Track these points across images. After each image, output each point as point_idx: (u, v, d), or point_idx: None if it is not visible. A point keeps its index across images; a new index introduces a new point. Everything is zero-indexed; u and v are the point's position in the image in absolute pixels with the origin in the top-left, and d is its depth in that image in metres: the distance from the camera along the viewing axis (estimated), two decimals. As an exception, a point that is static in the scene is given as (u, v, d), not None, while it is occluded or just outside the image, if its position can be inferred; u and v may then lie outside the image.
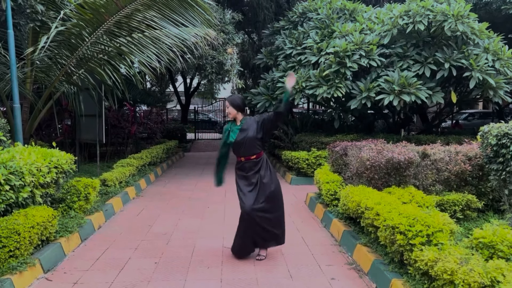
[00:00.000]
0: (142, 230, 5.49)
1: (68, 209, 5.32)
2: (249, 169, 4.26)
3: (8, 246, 3.65)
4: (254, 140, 4.24)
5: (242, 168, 4.30)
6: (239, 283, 3.82)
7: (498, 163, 4.61)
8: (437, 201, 4.85)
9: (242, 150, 4.26)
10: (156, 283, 3.82)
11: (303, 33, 10.50)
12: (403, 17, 8.58)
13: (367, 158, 5.17)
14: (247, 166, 4.27)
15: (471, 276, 2.78)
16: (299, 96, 9.55)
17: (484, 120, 17.22)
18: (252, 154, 4.25)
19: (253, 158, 4.26)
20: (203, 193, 7.93)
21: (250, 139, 4.22)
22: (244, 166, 4.29)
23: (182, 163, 12.91)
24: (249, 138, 4.22)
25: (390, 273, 3.63)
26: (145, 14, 5.92)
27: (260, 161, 4.29)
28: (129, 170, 8.09)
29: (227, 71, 10.40)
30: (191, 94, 19.55)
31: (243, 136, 4.24)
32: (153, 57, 6.06)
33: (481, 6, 11.57)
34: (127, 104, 11.71)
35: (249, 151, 4.25)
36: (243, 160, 4.28)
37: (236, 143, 4.26)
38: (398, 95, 8.35)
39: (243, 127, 4.29)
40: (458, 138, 9.46)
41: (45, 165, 4.46)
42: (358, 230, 4.81)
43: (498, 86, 8.48)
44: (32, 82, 6.67)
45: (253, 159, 4.26)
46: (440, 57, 8.49)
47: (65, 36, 5.95)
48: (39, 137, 9.31)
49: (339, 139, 9.32)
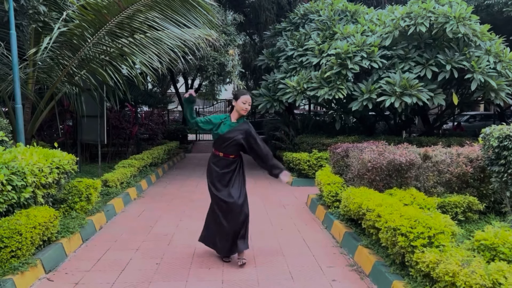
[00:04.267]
0: (143, 231, 5.49)
1: (69, 209, 5.33)
2: (224, 166, 4.20)
3: (10, 246, 3.65)
4: (239, 145, 4.20)
5: (217, 164, 4.22)
6: (240, 284, 3.82)
7: (499, 165, 4.60)
8: (439, 203, 4.85)
9: (224, 146, 4.19)
10: (157, 284, 3.82)
11: (305, 34, 10.51)
12: (404, 19, 8.58)
13: (369, 159, 5.17)
14: (223, 164, 4.20)
15: (472, 278, 2.77)
16: (300, 97, 9.55)
17: (485, 122, 17.20)
18: (231, 154, 4.23)
19: (231, 157, 4.23)
20: (204, 194, 7.90)
21: (236, 141, 4.17)
22: (220, 162, 4.21)
23: (183, 164, 12.92)
24: (236, 140, 4.17)
25: (392, 275, 3.62)
26: (147, 15, 5.93)
27: (236, 162, 4.25)
28: (130, 171, 8.10)
29: (228, 72, 10.41)
30: (192, 95, 19.52)
31: (233, 135, 4.17)
32: (154, 58, 6.08)
33: (482, 8, 11.58)
34: (129, 105, 11.73)
35: (230, 150, 4.20)
36: (221, 155, 4.22)
37: (222, 137, 4.17)
38: (400, 97, 8.35)
39: (237, 127, 4.22)
40: (460, 140, 9.47)
41: (47, 166, 4.47)
42: (359, 232, 4.80)
43: (499, 88, 8.48)
44: (34, 83, 6.68)
45: (231, 158, 4.23)
46: (442, 59, 8.49)
47: (67, 37, 5.96)
48: (40, 137, 9.33)
49: (341, 140, 9.33)
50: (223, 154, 4.22)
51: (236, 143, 4.18)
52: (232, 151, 4.22)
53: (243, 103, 4.17)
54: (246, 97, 4.20)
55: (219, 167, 4.21)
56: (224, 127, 4.21)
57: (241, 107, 4.18)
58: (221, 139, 4.19)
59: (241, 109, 4.19)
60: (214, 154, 4.28)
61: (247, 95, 4.22)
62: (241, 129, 4.21)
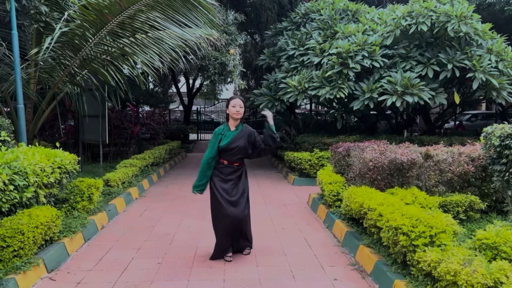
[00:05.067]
0: (145, 231, 5.50)
1: (71, 209, 5.34)
2: (228, 173, 4.27)
3: (12, 246, 3.66)
4: (244, 151, 4.25)
5: (221, 171, 4.27)
6: (242, 283, 3.83)
7: (501, 164, 4.60)
8: (440, 202, 4.84)
9: (229, 155, 4.25)
10: (159, 283, 3.82)
11: (306, 34, 10.51)
12: (406, 18, 8.57)
13: (370, 159, 5.17)
14: (228, 171, 4.27)
15: (474, 277, 2.77)
16: (302, 97, 9.55)
17: (487, 121, 17.17)
18: (236, 161, 4.28)
19: (236, 165, 4.29)
20: (206, 194, 7.93)
21: (241, 148, 4.23)
22: (225, 170, 4.27)
23: (184, 163, 12.93)
24: (241, 148, 4.23)
25: (393, 274, 3.62)
26: (148, 14, 5.94)
27: (241, 169, 4.34)
28: (132, 170, 8.11)
29: (229, 72, 10.41)
30: (193, 95, 19.57)
31: (237, 144, 4.21)
32: (156, 58, 6.08)
33: (484, 7, 11.55)
34: (130, 105, 11.74)
35: (235, 158, 4.26)
36: (226, 163, 4.27)
37: (226, 148, 4.21)
38: (401, 96, 8.34)
39: (238, 135, 4.25)
40: (461, 139, 9.45)
41: (49, 166, 4.48)
42: (360, 231, 4.80)
43: (501, 87, 8.46)
44: (36, 83, 6.70)
45: (236, 165, 4.29)
46: (443, 58, 8.48)
47: (69, 37, 5.97)
48: (42, 137, 9.35)
49: (342, 140, 9.33)
50: (228, 162, 4.27)
51: (240, 151, 4.24)
52: (236, 159, 4.28)
53: (233, 107, 4.22)
54: (234, 101, 4.24)
55: (224, 174, 4.27)
56: (225, 139, 4.24)
57: (233, 112, 4.23)
58: (225, 150, 4.24)
59: (233, 114, 4.24)
60: (218, 161, 4.31)
61: (235, 99, 4.28)
62: (242, 135, 4.26)
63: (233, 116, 4.25)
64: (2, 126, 5.44)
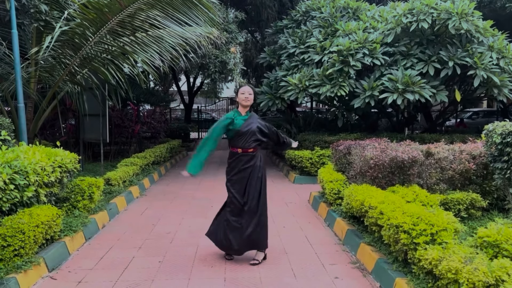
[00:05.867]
0: (146, 229, 5.50)
1: (72, 208, 5.34)
2: (244, 162, 4.22)
3: (13, 245, 3.67)
4: (255, 134, 4.24)
5: (237, 161, 4.24)
6: (243, 281, 3.82)
7: (502, 161, 4.59)
8: (441, 200, 4.83)
9: (243, 141, 4.22)
10: (160, 282, 3.83)
11: (306, 32, 10.48)
12: (406, 16, 8.55)
13: (371, 157, 5.16)
14: (243, 159, 4.23)
15: (475, 275, 2.76)
16: (302, 95, 9.54)
17: (488, 119, 17.14)
18: (250, 147, 4.24)
19: (250, 151, 4.25)
20: (207, 193, 7.95)
21: (253, 131, 4.23)
22: (240, 159, 4.23)
23: (185, 162, 12.86)
24: (252, 130, 4.23)
25: (394, 272, 3.62)
26: (148, 13, 5.93)
27: (255, 158, 4.26)
28: (132, 169, 8.11)
29: (230, 70, 10.41)
30: (194, 93, 19.58)
31: (250, 126, 4.23)
32: (156, 56, 6.07)
33: (485, 4, 11.51)
34: (131, 104, 11.75)
35: (249, 144, 4.23)
36: (240, 151, 4.23)
37: (240, 132, 4.22)
38: (402, 94, 8.32)
39: (250, 119, 4.30)
40: (462, 136, 9.43)
41: (50, 165, 4.48)
42: (361, 229, 4.80)
43: (502, 84, 8.44)
44: (36, 82, 6.69)
45: (250, 152, 4.25)
46: (444, 55, 8.45)
47: (69, 36, 5.97)
48: (43, 136, 9.34)
49: (343, 138, 9.32)
50: (242, 150, 4.24)
51: (253, 133, 4.23)
52: (250, 144, 4.24)
53: (242, 94, 4.30)
54: (243, 88, 4.35)
55: (240, 164, 4.23)
56: (238, 122, 4.26)
57: (241, 98, 4.30)
58: (239, 134, 4.23)
59: (242, 100, 4.29)
60: (232, 152, 4.29)
61: (244, 86, 4.37)
62: (253, 119, 4.31)
63: (242, 103, 4.29)
64: (3, 125, 5.44)
